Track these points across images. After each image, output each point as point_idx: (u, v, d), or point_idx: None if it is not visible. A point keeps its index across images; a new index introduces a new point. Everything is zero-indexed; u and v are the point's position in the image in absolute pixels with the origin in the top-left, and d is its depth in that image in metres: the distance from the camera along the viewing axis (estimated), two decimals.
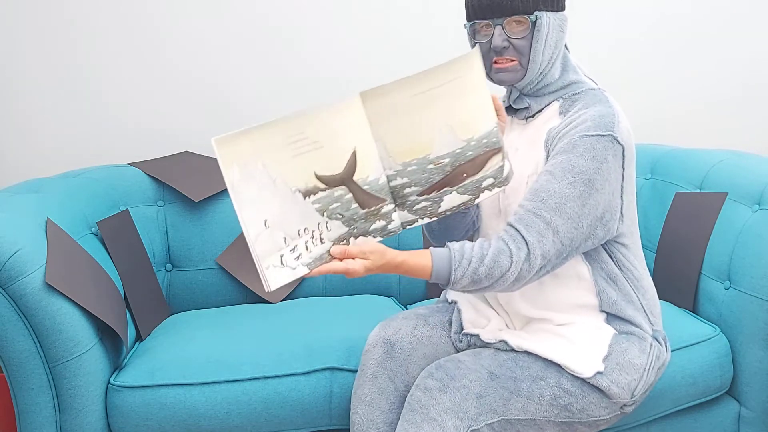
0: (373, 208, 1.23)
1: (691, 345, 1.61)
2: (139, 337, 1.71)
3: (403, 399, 1.39)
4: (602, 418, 1.34)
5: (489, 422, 1.28)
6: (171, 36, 2.16)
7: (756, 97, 2.45)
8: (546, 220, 1.26)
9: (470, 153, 1.23)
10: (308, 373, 1.53)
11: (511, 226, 1.28)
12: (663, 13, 2.35)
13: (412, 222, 1.27)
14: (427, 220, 1.27)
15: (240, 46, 2.19)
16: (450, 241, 1.38)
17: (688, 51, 2.39)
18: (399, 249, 2.02)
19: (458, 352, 1.45)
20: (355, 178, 1.20)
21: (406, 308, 1.94)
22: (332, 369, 1.54)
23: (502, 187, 1.27)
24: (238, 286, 1.97)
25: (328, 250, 1.20)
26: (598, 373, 1.31)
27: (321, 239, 1.19)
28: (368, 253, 1.21)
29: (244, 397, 1.50)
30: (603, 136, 1.28)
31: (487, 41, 1.33)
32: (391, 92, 1.19)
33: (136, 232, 1.86)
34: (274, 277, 1.14)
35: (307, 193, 1.17)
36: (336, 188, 1.18)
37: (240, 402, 1.49)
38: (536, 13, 1.30)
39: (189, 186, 1.96)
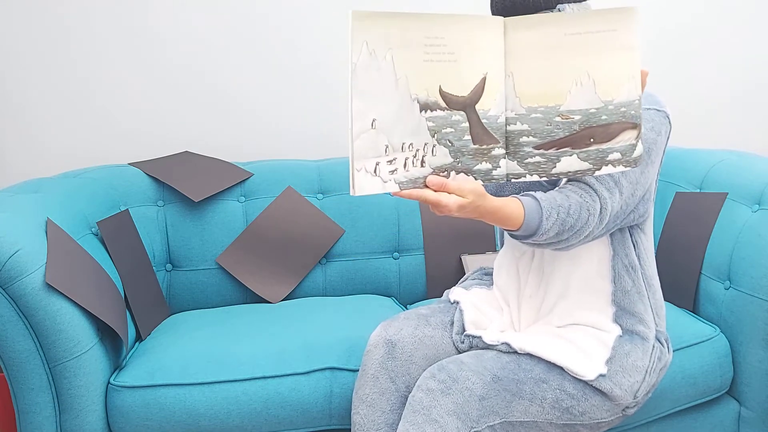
0: (484, 147, 1.12)
1: (691, 345, 1.61)
2: (139, 337, 1.71)
3: (404, 400, 1.39)
4: (604, 420, 1.34)
5: (491, 424, 1.28)
6: (171, 36, 2.16)
7: (756, 97, 2.45)
8: (614, 178, 1.25)
9: (605, 117, 1.12)
10: (308, 373, 1.53)
11: (580, 180, 1.24)
12: (665, 17, 2.35)
13: (519, 176, 1.15)
14: (536, 177, 1.15)
15: (240, 46, 2.19)
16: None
17: (689, 53, 2.39)
18: (398, 242, 2.02)
19: (459, 353, 1.45)
20: (477, 107, 1.10)
21: (406, 308, 1.94)
22: (332, 369, 1.54)
23: (627, 168, 1.15)
24: (238, 286, 1.97)
25: (425, 177, 1.09)
26: (601, 375, 1.31)
27: (422, 162, 1.08)
28: (467, 191, 1.11)
29: (244, 397, 1.50)
30: (659, 111, 1.31)
31: None
32: (539, 26, 1.08)
33: (136, 232, 1.86)
34: (362, 183, 1.03)
35: (425, 107, 1.07)
36: (455, 112, 1.09)
37: (240, 402, 1.49)
38: (559, 6, 1.29)
39: (189, 186, 1.96)
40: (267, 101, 2.23)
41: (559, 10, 1.28)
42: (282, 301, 1.96)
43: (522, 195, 1.22)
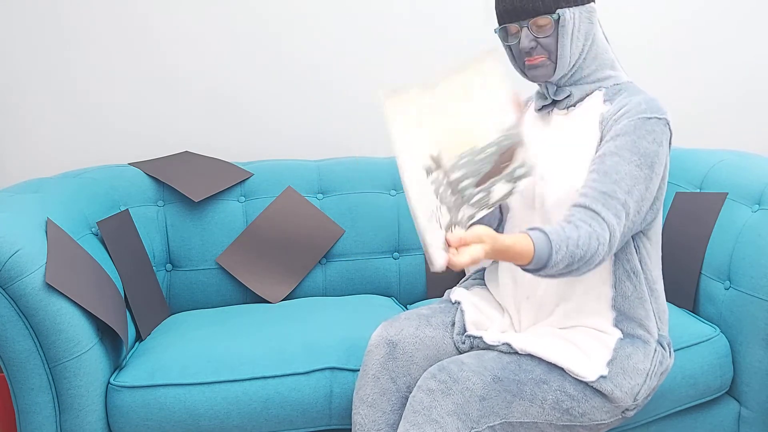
0: (456, 198, 1.19)
1: (691, 345, 1.61)
2: (139, 337, 1.71)
3: (405, 400, 1.39)
4: (603, 422, 1.34)
5: (491, 425, 1.28)
6: (170, 37, 2.16)
7: (756, 97, 2.45)
8: (621, 201, 1.26)
9: (507, 142, 1.23)
10: (308, 373, 1.53)
11: (587, 207, 1.26)
12: (667, 19, 2.36)
13: (472, 216, 1.22)
14: (484, 211, 1.23)
15: (240, 46, 2.19)
16: None
17: (690, 54, 2.39)
18: (398, 242, 2.02)
19: (460, 353, 1.45)
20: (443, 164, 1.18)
21: (407, 308, 1.94)
22: (332, 369, 1.54)
23: (529, 177, 1.26)
24: (238, 286, 1.97)
25: (445, 239, 1.13)
26: (602, 377, 1.31)
27: (440, 224, 1.13)
28: (484, 236, 1.14)
29: (244, 397, 1.50)
30: (659, 119, 1.32)
31: (516, 42, 1.38)
32: (416, 101, 1.16)
33: (136, 232, 1.86)
34: (438, 258, 1.09)
35: (428, 171, 1.13)
36: (439, 170, 1.15)
37: (240, 402, 1.49)
38: (558, 11, 1.32)
39: (189, 186, 1.96)
40: (267, 101, 2.23)
41: (560, 15, 1.32)
42: (282, 301, 1.96)
43: (531, 229, 1.23)
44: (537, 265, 1.21)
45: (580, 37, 1.35)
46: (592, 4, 1.37)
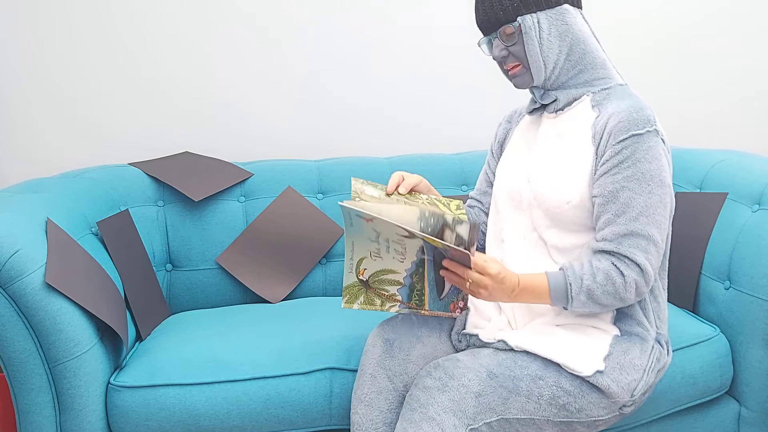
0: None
1: (691, 345, 1.61)
2: (139, 337, 1.71)
3: (402, 399, 1.39)
4: (601, 418, 1.34)
5: (488, 421, 1.28)
6: (171, 38, 2.16)
7: (756, 98, 2.45)
8: (645, 236, 1.31)
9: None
10: (308, 373, 1.53)
11: (612, 253, 1.32)
12: (671, 20, 2.36)
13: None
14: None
15: (239, 47, 2.19)
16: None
17: (693, 54, 2.40)
18: None
19: (457, 352, 1.45)
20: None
21: None
22: (332, 369, 1.54)
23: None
24: (238, 286, 1.97)
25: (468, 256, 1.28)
26: (598, 372, 1.31)
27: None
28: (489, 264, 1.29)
29: (244, 397, 1.50)
30: (650, 131, 1.33)
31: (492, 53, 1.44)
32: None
33: (136, 232, 1.86)
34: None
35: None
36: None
37: (240, 402, 1.49)
38: (518, 18, 1.36)
39: (189, 186, 1.96)
40: (267, 101, 2.23)
41: (520, 22, 1.36)
42: (282, 301, 1.96)
43: (555, 271, 1.36)
44: (559, 301, 1.33)
45: (553, 39, 1.37)
46: (566, 5, 1.38)
